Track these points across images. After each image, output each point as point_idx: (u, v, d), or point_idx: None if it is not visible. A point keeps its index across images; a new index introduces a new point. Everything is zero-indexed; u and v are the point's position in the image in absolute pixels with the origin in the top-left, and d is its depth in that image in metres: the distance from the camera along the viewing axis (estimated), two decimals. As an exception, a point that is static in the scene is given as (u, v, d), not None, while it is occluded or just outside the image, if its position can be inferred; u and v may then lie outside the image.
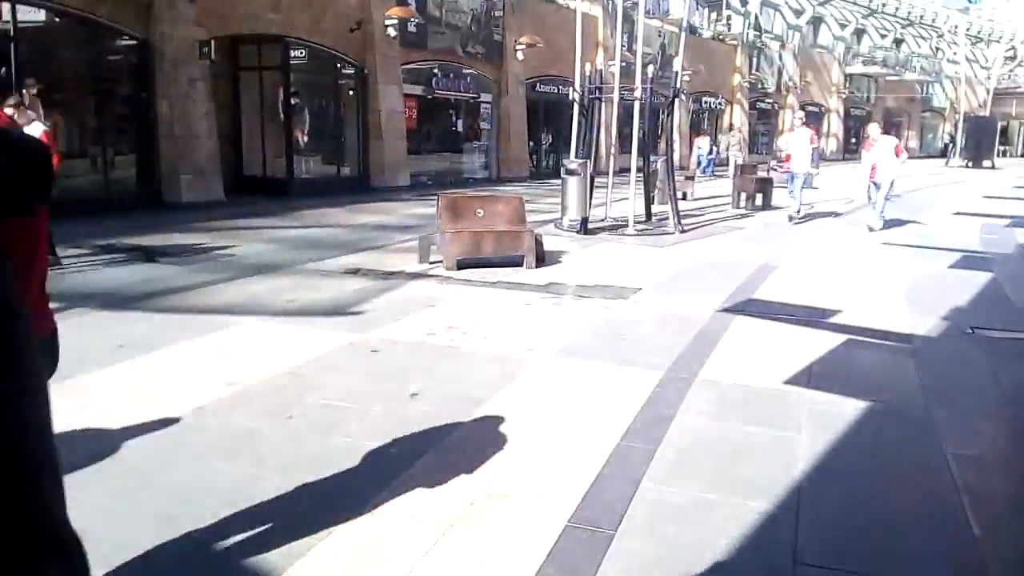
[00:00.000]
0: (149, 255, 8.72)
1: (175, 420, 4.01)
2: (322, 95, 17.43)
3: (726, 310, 6.75)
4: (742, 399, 4.56)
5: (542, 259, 8.77)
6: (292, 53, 15.79)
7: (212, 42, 13.43)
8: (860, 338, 5.91)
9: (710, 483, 3.46)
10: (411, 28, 17.72)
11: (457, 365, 5.04)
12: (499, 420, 4.10)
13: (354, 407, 4.25)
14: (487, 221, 8.78)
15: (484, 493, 3.28)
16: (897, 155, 11.88)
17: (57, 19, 12.21)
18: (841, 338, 5.87)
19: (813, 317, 6.53)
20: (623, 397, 4.50)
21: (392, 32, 16.94)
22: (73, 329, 5.72)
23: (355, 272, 7.99)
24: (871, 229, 11.96)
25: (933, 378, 4.95)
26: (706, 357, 5.37)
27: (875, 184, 11.93)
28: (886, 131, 15.15)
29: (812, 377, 4.94)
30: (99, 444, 3.67)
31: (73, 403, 4.22)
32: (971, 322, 6.40)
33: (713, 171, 25.08)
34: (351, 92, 17.42)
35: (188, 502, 3.15)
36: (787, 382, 4.87)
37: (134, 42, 13.00)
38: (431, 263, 8.42)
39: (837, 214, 14.34)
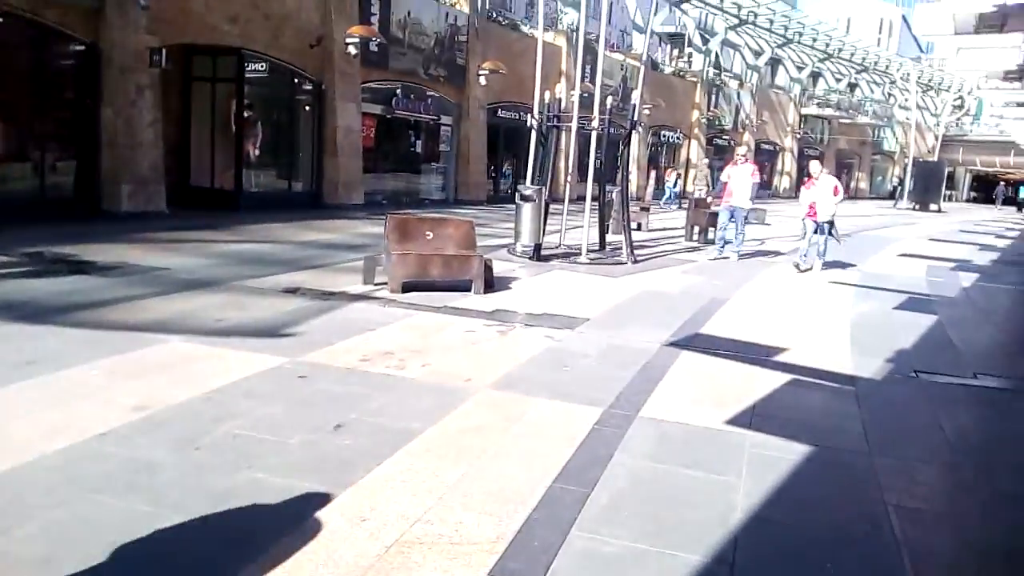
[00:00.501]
0: (77, 266, 8.28)
1: (72, 448, 3.68)
2: (277, 109, 17.06)
3: (673, 344, 6.63)
4: (683, 439, 4.40)
5: (491, 285, 8.58)
6: (248, 66, 15.44)
7: (163, 50, 13.02)
8: (805, 378, 5.83)
9: (643, 532, 3.26)
10: (373, 47, 17.52)
11: (389, 395, 4.78)
12: (426, 457, 3.86)
13: (270, 439, 3.96)
14: (436, 244, 8.55)
15: (401, 539, 3.03)
16: (835, 194, 11.72)
17: (1, 19, 11.71)
18: (786, 377, 5.78)
19: (759, 355, 6.44)
20: (560, 435, 4.30)
21: (353, 50, 16.71)
22: (-21, 343, 5.35)
23: (294, 291, 7.68)
24: (799, 268, 11.79)
25: (876, 423, 4.86)
26: (649, 393, 5.21)
27: (814, 223, 11.72)
28: (834, 172, 15.29)
29: (755, 418, 4.81)
30: (-22, 474, 3.33)
31: (-40, 426, 3.87)
32: (915, 365, 6.38)
33: (680, 204, 25.35)
34: (307, 108, 17.09)
35: (68, 543, 2.84)
36: (730, 422, 4.73)
37: (81, 47, 12.53)
38: (376, 285, 8.15)
39: (779, 253, 14.26)
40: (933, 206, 38.76)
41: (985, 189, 65.47)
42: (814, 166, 12.44)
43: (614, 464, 3.97)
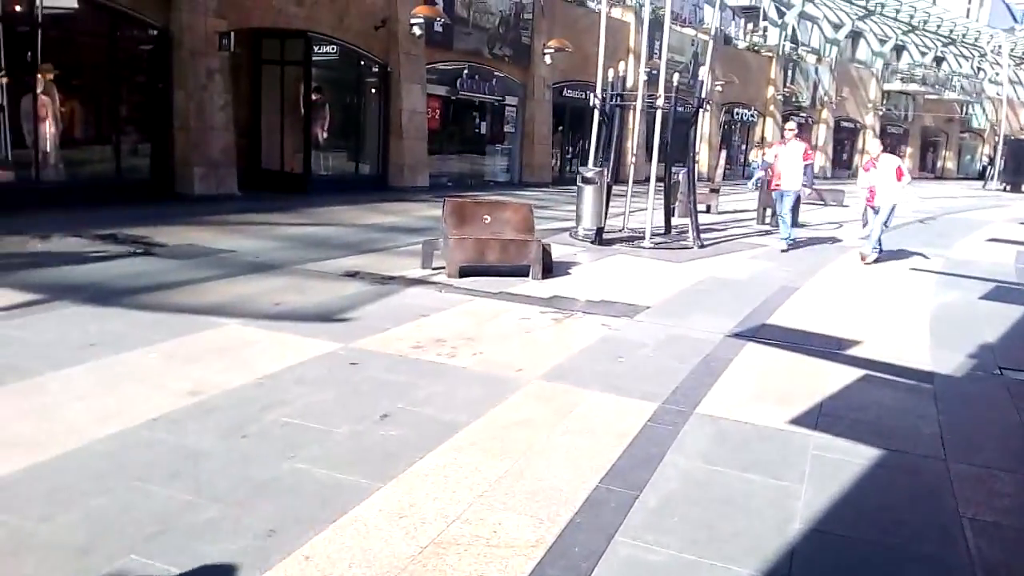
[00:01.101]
0: (147, 248, 8.52)
1: (123, 434, 3.74)
2: (344, 92, 17.22)
3: (737, 335, 6.36)
4: (741, 439, 4.19)
5: (549, 270, 8.44)
6: (315, 48, 15.60)
7: (232, 34, 13.26)
8: (878, 374, 5.49)
9: (693, 540, 3.10)
10: (437, 28, 17.44)
11: (438, 384, 4.71)
12: (470, 451, 3.77)
13: (316, 427, 3.94)
14: (494, 228, 8.45)
15: (437, 539, 2.95)
16: (899, 178, 10.31)
17: (78, 5, 12.13)
18: (857, 373, 5.45)
19: (829, 347, 6.12)
20: (610, 431, 4.15)
21: (417, 31, 16.69)
22: (50, 323, 5.54)
23: (353, 275, 7.71)
24: (864, 259, 10.59)
25: (954, 426, 4.52)
26: (709, 388, 4.99)
27: (873, 209, 10.47)
28: (892, 150, 14.23)
29: (821, 418, 4.54)
30: (32, 458, 3.41)
31: (23, 407, 4.00)
32: (1000, 362, 5.94)
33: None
34: (373, 90, 17.20)
35: (107, 533, 2.86)
36: (793, 421, 4.48)
37: (153, 31, 12.87)
38: (434, 269, 8.12)
39: (836, 240, 13.38)
40: (1026, 187, 36.47)
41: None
42: (873, 145, 11.48)
43: (665, 464, 3.79)
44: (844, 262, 10.87)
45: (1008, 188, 36.26)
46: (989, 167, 41.27)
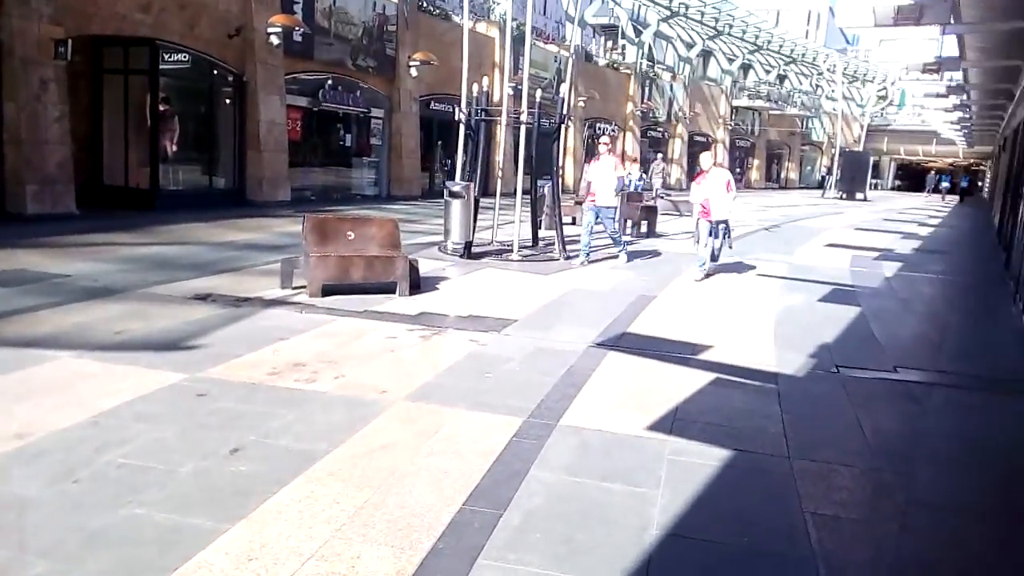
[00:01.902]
0: (-32, 274, 7.71)
1: (-72, 488, 3.32)
2: (196, 102, 16.33)
3: (600, 344, 6.51)
4: (602, 448, 4.27)
5: (417, 286, 8.34)
6: (164, 57, 14.72)
7: (69, 41, 12.29)
8: (728, 377, 5.78)
9: (554, 555, 3.10)
10: (296, 37, 16.95)
11: (295, 413, 4.51)
12: (328, 482, 3.62)
13: (157, 468, 3.66)
14: (358, 244, 8.24)
15: (289, 580, 2.79)
16: (728, 190, 10.03)
17: None
18: (709, 377, 5.71)
19: (684, 353, 6.38)
20: (476, 449, 4.11)
21: (275, 40, 16.13)
22: None
23: (204, 298, 7.27)
24: (696, 280, 10.09)
25: (796, 424, 4.82)
26: (572, 399, 5.07)
27: (709, 223, 10.04)
28: (765, 162, 14.96)
29: (676, 422, 4.71)
30: None
31: None
32: (836, 360, 6.40)
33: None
34: (228, 101, 16.43)
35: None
36: (651, 427, 4.63)
37: (-22, 38, 11.74)
38: (294, 289, 7.81)
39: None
40: (859, 195, 39.93)
41: (909, 177, 68.08)
42: (704, 158, 10.92)
43: (529, 480, 3.80)
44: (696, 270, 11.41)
45: (844, 196, 39.58)
46: (827, 177, 44.88)
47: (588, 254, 11.28)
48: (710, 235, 10.09)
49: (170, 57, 14.93)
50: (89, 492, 3.39)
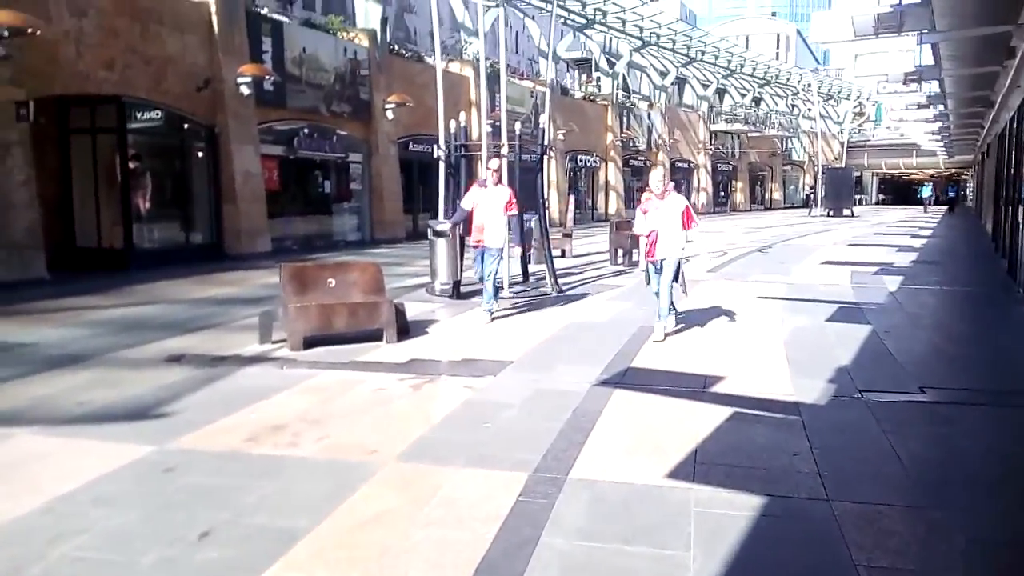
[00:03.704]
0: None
1: None
2: (168, 158, 15.96)
3: (604, 383, 6.07)
4: (621, 504, 3.80)
5: (406, 331, 7.89)
6: (132, 114, 14.39)
7: (31, 103, 11.93)
8: (746, 410, 5.33)
9: (579, 645, 2.63)
10: (268, 87, 16.68)
11: (276, 483, 4.03)
12: (311, 566, 3.14)
13: (115, 560, 3.18)
14: (339, 292, 7.80)
15: None
16: (686, 225, 7.59)
17: None
18: (726, 411, 5.27)
19: (694, 386, 5.95)
20: (479, 515, 3.65)
21: (245, 90, 15.84)
22: None
23: (177, 359, 6.79)
24: (656, 341, 7.59)
25: (829, 460, 4.37)
26: (580, 446, 4.61)
27: (654, 265, 7.70)
28: (748, 184, 14.47)
29: (698, 467, 4.26)
30: None
31: None
32: (858, 384, 5.98)
33: None
34: (200, 154, 16.07)
35: None
36: (670, 475, 4.17)
37: (-64, 103, 11.36)
38: (274, 343, 7.35)
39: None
40: (846, 211, 39.97)
41: (893, 191, 68.68)
42: (654, 178, 7.87)
43: (541, 547, 3.33)
44: (694, 296, 11.03)
45: (831, 213, 39.54)
46: (812, 195, 44.99)
47: (492, 301, 8.93)
48: (657, 275, 7.70)
49: (138, 114, 14.62)
50: (31, 600, 2.90)
